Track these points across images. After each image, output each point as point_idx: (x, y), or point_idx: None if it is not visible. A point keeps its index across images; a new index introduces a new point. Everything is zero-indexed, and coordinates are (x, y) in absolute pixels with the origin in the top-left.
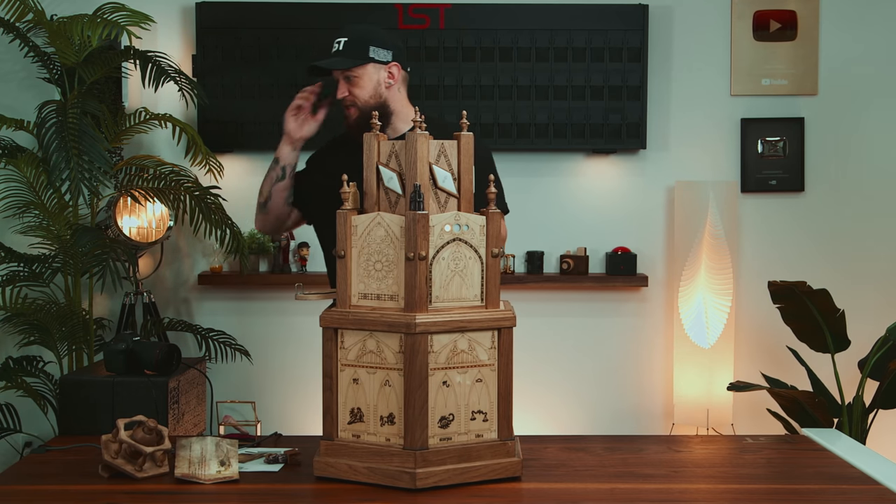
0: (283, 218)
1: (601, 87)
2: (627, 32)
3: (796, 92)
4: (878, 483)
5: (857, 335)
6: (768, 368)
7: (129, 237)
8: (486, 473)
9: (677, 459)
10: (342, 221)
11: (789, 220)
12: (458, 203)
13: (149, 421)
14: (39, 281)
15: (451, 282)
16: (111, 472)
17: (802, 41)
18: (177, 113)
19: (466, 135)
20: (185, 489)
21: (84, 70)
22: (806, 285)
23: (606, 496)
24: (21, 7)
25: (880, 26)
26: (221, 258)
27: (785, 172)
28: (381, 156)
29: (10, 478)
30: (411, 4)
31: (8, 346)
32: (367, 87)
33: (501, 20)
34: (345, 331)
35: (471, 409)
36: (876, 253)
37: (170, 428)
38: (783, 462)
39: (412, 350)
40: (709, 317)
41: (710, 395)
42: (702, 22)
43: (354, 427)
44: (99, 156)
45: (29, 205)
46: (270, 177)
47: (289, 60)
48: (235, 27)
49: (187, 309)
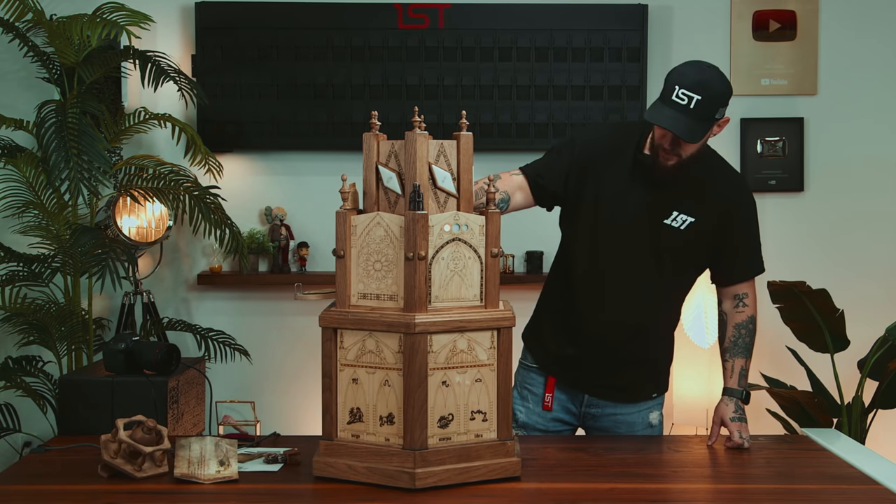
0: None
1: (600, 87)
2: (627, 32)
3: (796, 92)
4: (878, 483)
5: (856, 335)
6: (768, 368)
7: (128, 237)
8: (486, 473)
9: (677, 459)
10: (341, 221)
11: (789, 220)
12: (458, 203)
13: (148, 421)
14: (39, 281)
15: (451, 282)
16: (110, 471)
17: (802, 41)
18: (176, 113)
19: (465, 135)
20: (185, 489)
21: (83, 70)
22: (805, 285)
23: (606, 496)
24: (20, 7)
25: (880, 26)
26: (221, 258)
27: (785, 172)
28: (381, 155)
29: (10, 478)
30: (411, 4)
31: (7, 346)
32: (699, 145)
33: (501, 20)
34: (344, 331)
35: (470, 409)
36: (876, 253)
37: (169, 428)
38: (783, 462)
39: (411, 350)
40: (709, 317)
41: (710, 395)
42: (701, 22)
43: (354, 427)
44: (98, 156)
45: (28, 205)
46: None
47: (288, 60)
48: (235, 27)
49: (187, 309)
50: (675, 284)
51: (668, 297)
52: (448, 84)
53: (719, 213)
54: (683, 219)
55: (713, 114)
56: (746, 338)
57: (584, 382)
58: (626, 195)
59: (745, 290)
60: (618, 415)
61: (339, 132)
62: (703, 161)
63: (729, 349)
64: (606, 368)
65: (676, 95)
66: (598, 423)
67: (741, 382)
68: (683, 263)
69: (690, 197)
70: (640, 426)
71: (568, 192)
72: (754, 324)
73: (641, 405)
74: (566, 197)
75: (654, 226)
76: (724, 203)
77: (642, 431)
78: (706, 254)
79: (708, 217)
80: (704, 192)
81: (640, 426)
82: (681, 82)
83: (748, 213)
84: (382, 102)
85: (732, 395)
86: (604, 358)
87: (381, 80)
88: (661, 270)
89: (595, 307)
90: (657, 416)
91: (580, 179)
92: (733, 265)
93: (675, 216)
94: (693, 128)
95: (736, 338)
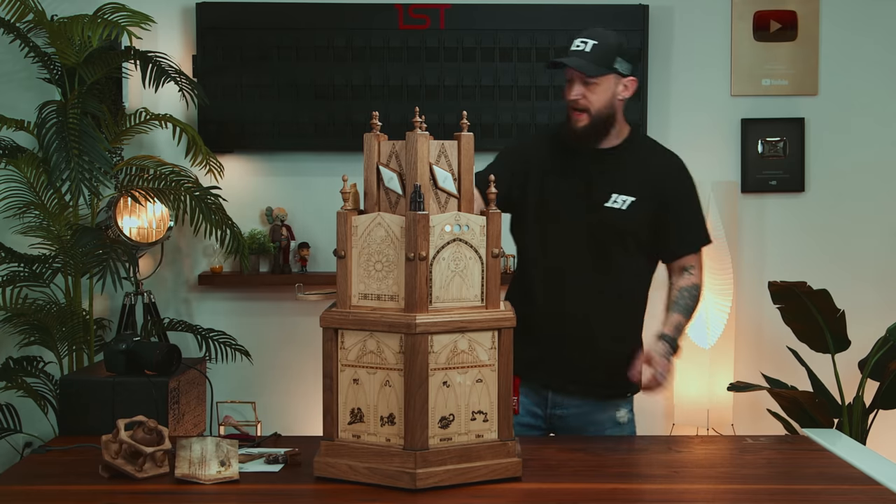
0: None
1: None
2: (627, 33)
3: (796, 92)
4: (879, 483)
5: (857, 335)
6: (768, 369)
7: (129, 237)
8: (487, 474)
9: (677, 460)
10: (342, 222)
11: (789, 220)
12: (459, 203)
13: (149, 421)
14: (40, 281)
15: (452, 282)
16: (111, 472)
17: (802, 41)
18: (177, 113)
19: (466, 135)
20: (186, 489)
21: (84, 70)
22: (806, 285)
23: (606, 496)
24: (21, 7)
25: (880, 26)
26: (222, 258)
27: (785, 172)
28: (382, 156)
29: (11, 478)
30: (411, 5)
31: (8, 347)
32: (604, 96)
33: (501, 20)
34: (345, 331)
35: (471, 409)
36: (876, 253)
37: (170, 428)
38: (783, 462)
39: (412, 350)
40: (709, 317)
41: (711, 396)
42: (702, 22)
43: (354, 427)
44: (99, 156)
45: (29, 205)
46: None
47: (289, 60)
48: (235, 27)
49: (187, 309)
50: (629, 269)
51: (625, 283)
52: (449, 84)
53: (658, 191)
54: (623, 199)
55: (611, 62)
56: (689, 300)
57: (548, 378)
58: (562, 187)
59: (691, 263)
60: (584, 414)
61: (339, 133)
62: (639, 144)
63: (670, 306)
64: (569, 363)
65: (574, 45)
66: (566, 423)
67: (675, 334)
68: (632, 245)
69: (627, 178)
70: (609, 424)
71: (512, 197)
72: (698, 291)
73: (608, 403)
74: (511, 202)
75: (595, 210)
76: (661, 180)
77: (611, 430)
78: (652, 232)
79: (647, 195)
80: (641, 172)
81: (609, 424)
82: (577, 36)
83: (686, 188)
84: (383, 103)
85: (664, 339)
86: (566, 352)
87: (381, 80)
88: (612, 255)
89: (553, 301)
90: (625, 414)
91: (519, 185)
92: (676, 239)
93: (614, 198)
94: (590, 66)
95: (678, 298)
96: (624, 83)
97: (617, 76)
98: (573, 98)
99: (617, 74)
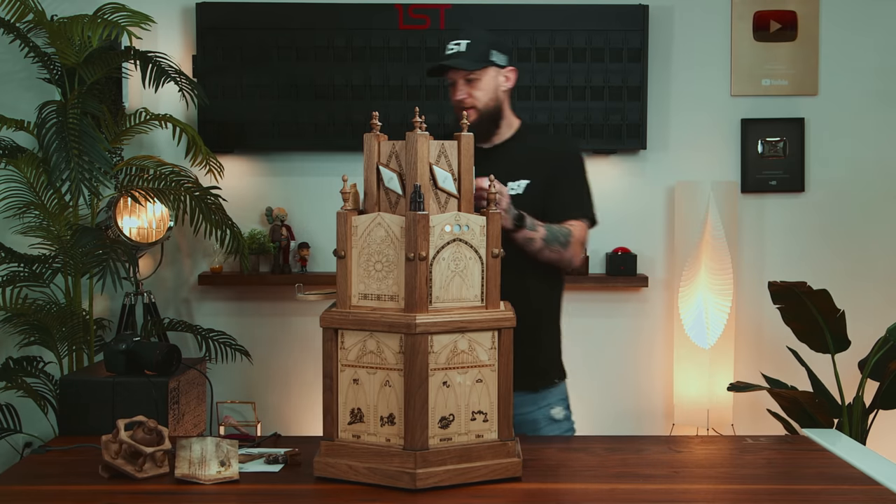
0: None
1: (601, 87)
2: (628, 33)
3: (796, 92)
4: (879, 483)
5: (857, 336)
6: (768, 369)
7: (129, 237)
8: (487, 474)
9: (678, 460)
10: (342, 222)
11: (789, 220)
12: (459, 203)
13: (149, 421)
14: (40, 281)
15: (452, 282)
16: (111, 472)
17: (802, 41)
18: (177, 113)
19: (466, 135)
20: (185, 489)
21: (84, 70)
22: (806, 286)
23: (606, 496)
24: (21, 7)
25: (880, 26)
26: (222, 258)
27: (785, 173)
28: (382, 156)
29: (11, 478)
30: (411, 5)
31: (8, 347)
32: (488, 89)
33: (501, 21)
34: (345, 331)
35: (471, 409)
36: (876, 253)
37: (170, 428)
38: (783, 462)
39: (412, 350)
40: (709, 317)
41: (711, 396)
42: (702, 22)
43: (355, 427)
44: (99, 156)
45: (29, 205)
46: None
47: (289, 60)
48: (235, 27)
49: (187, 309)
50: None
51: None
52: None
53: (549, 168)
54: (519, 183)
55: (487, 55)
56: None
57: None
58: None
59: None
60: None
61: (339, 133)
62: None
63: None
64: None
65: (448, 49)
66: None
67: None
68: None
69: (522, 164)
70: (544, 423)
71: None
72: (567, 238)
73: (539, 401)
74: None
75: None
76: (553, 160)
77: (547, 428)
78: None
79: (540, 175)
80: (535, 157)
81: (544, 423)
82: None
83: (575, 164)
84: (383, 103)
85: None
86: None
87: (381, 80)
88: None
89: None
90: (560, 411)
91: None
92: (558, 204)
93: (510, 185)
94: (468, 62)
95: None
96: (504, 74)
97: (496, 68)
98: (459, 98)
99: (496, 67)
